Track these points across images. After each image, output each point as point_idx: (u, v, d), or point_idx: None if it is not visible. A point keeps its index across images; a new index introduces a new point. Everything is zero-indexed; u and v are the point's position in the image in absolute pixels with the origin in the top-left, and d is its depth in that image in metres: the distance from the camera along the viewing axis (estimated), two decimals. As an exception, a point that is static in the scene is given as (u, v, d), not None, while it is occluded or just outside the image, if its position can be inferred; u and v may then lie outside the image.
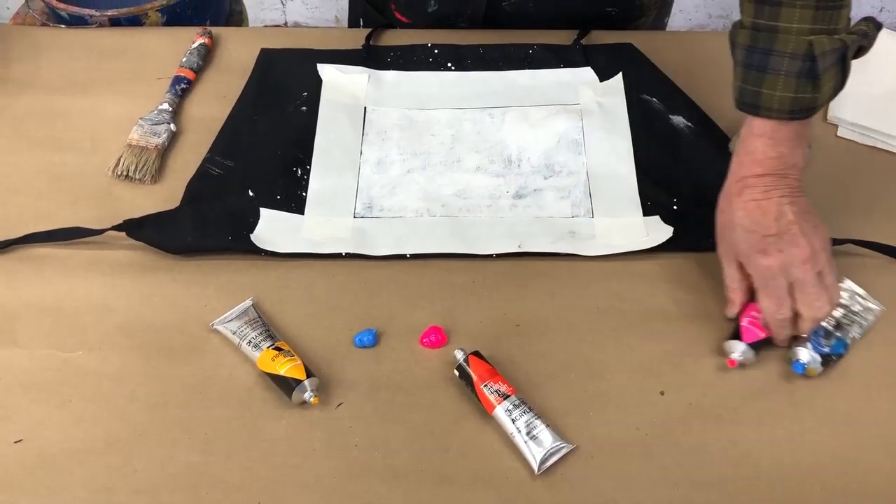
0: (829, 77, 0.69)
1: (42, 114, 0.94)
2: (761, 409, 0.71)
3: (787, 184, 0.72)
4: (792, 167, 0.72)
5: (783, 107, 0.70)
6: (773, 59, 0.69)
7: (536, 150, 0.89)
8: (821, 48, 0.68)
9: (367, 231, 0.82)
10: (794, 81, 0.69)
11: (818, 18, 0.68)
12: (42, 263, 0.80)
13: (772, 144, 0.72)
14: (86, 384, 0.72)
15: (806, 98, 0.69)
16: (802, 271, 0.71)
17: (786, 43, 0.69)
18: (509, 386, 0.69)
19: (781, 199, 0.72)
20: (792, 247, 0.71)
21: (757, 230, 0.72)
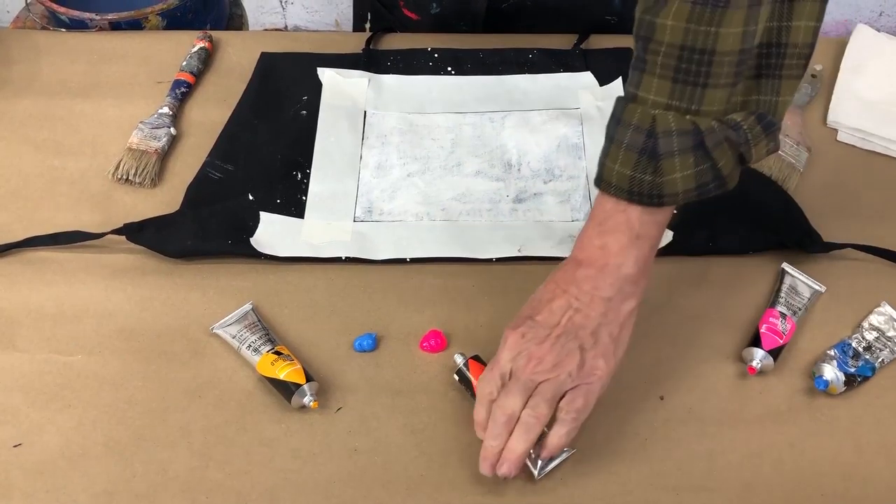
0: (681, 164, 0.60)
1: (42, 117, 0.94)
2: (761, 415, 0.71)
3: (597, 286, 0.63)
4: (614, 268, 0.63)
5: (621, 184, 0.62)
6: (620, 130, 0.62)
7: (536, 155, 0.89)
8: (664, 126, 0.60)
9: (367, 235, 0.82)
10: (633, 157, 0.61)
11: (675, 93, 0.60)
12: (42, 267, 0.80)
13: (599, 232, 0.64)
14: (85, 388, 0.72)
15: (645, 180, 0.61)
16: (523, 368, 0.63)
17: (632, 113, 0.61)
18: None
19: (572, 301, 0.64)
20: (535, 345, 0.63)
21: (530, 307, 0.65)
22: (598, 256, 0.64)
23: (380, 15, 1.08)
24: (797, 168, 0.87)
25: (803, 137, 0.89)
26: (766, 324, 0.73)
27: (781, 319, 0.74)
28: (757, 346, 0.72)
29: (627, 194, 0.62)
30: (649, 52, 0.60)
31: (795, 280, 0.77)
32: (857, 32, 1.00)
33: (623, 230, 0.63)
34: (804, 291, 0.77)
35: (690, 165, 0.60)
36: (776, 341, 0.72)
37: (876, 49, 0.99)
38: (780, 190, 0.85)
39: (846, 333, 0.75)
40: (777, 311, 0.74)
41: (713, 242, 0.80)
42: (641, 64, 0.61)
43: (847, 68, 0.97)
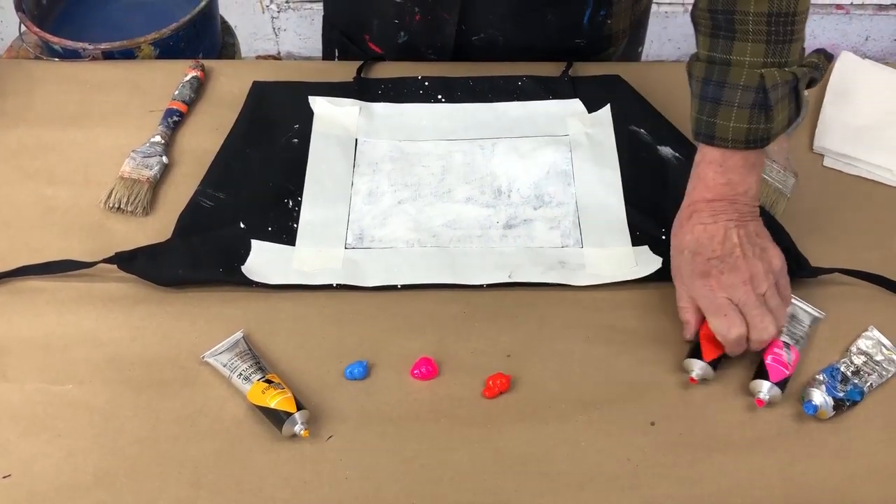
0: (782, 108, 0.72)
1: (35, 146, 0.94)
2: (751, 440, 0.71)
3: (737, 209, 0.74)
4: (742, 193, 0.74)
5: (738, 137, 0.72)
6: (727, 91, 0.72)
7: (526, 181, 0.90)
8: (772, 80, 0.70)
9: (358, 262, 0.83)
10: (747, 113, 0.71)
11: (770, 52, 0.71)
12: (33, 296, 0.81)
13: (721, 171, 0.74)
14: (76, 418, 0.72)
15: (759, 129, 0.72)
16: (743, 293, 0.72)
17: (738, 76, 0.71)
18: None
19: (728, 223, 0.73)
20: (733, 270, 0.72)
21: (702, 253, 0.74)
22: (726, 191, 0.74)
23: (346, 49, 1.10)
24: (784, 193, 0.88)
25: (790, 163, 0.90)
26: (771, 355, 0.73)
27: (786, 349, 0.74)
28: (763, 377, 0.72)
29: (744, 143, 0.73)
30: (737, 23, 0.71)
31: (795, 307, 0.78)
32: (841, 59, 1.02)
33: (742, 164, 0.74)
34: (804, 319, 0.77)
35: (786, 107, 0.72)
36: (783, 373, 0.72)
37: (860, 75, 1.00)
38: (768, 215, 0.86)
39: (834, 358, 0.76)
40: (781, 341, 0.75)
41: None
42: (729, 33, 0.72)
43: (832, 94, 0.98)
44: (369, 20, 1.05)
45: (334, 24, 1.12)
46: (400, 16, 1.00)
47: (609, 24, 1.02)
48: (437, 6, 0.98)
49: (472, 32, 1.01)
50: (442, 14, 0.99)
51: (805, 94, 0.95)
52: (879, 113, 0.97)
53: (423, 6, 0.99)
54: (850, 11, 2.23)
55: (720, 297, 0.72)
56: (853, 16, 2.24)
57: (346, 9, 1.09)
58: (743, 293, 0.72)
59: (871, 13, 2.25)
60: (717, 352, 0.74)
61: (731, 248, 0.73)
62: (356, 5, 1.05)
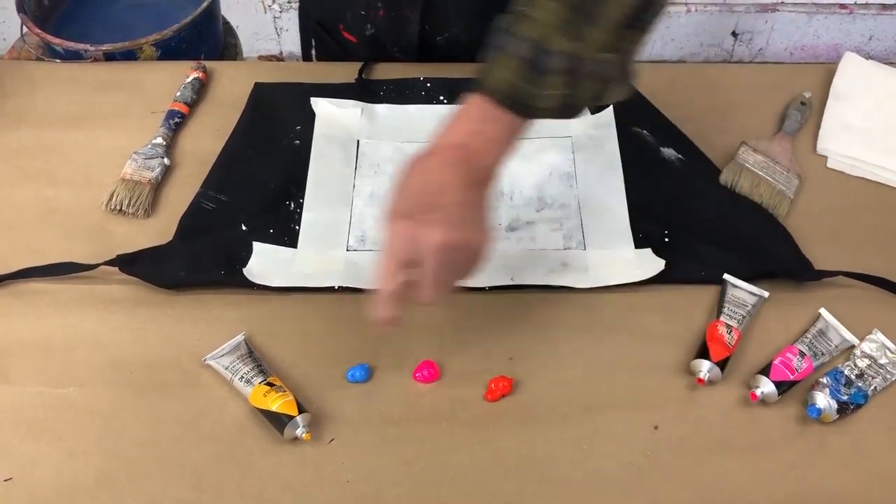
0: (554, 83, 0.64)
1: (36, 148, 0.94)
2: (754, 443, 0.71)
3: (472, 168, 0.66)
4: (482, 154, 0.66)
5: (499, 87, 0.64)
6: (511, 41, 0.64)
7: (528, 183, 0.90)
8: (550, 44, 0.63)
9: (359, 264, 0.83)
10: (521, 67, 0.63)
11: (567, 21, 0.63)
12: (34, 299, 0.80)
13: (475, 120, 0.66)
14: (77, 421, 0.72)
15: (525, 91, 0.64)
16: (427, 251, 0.65)
17: (524, 27, 0.63)
18: None
19: (456, 178, 0.65)
20: (433, 225, 0.64)
21: (415, 195, 0.66)
22: (470, 142, 0.66)
23: (322, 39, 1.10)
24: (787, 195, 0.87)
25: (793, 164, 0.90)
26: (780, 357, 0.73)
27: (799, 357, 0.74)
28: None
29: (502, 99, 0.65)
30: None
31: (829, 326, 0.77)
32: (844, 60, 1.01)
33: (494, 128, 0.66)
34: (834, 339, 0.76)
35: (562, 86, 0.64)
36: (786, 375, 0.72)
37: (864, 76, 1.00)
38: (771, 217, 0.85)
39: (838, 361, 0.76)
40: (797, 348, 0.74)
41: (704, 271, 0.80)
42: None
43: (836, 96, 0.98)
44: (343, 10, 1.05)
45: (310, 14, 1.12)
46: (367, 8, 1.01)
47: None
48: (399, 4, 0.98)
49: (437, 32, 1.00)
50: (405, 12, 0.99)
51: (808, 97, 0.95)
52: (883, 114, 0.96)
53: (387, 3, 0.99)
54: (854, 11, 2.23)
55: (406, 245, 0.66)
56: (857, 15, 2.23)
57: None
58: (429, 253, 0.65)
59: (874, 13, 2.24)
60: (726, 353, 0.73)
61: (445, 203, 0.64)
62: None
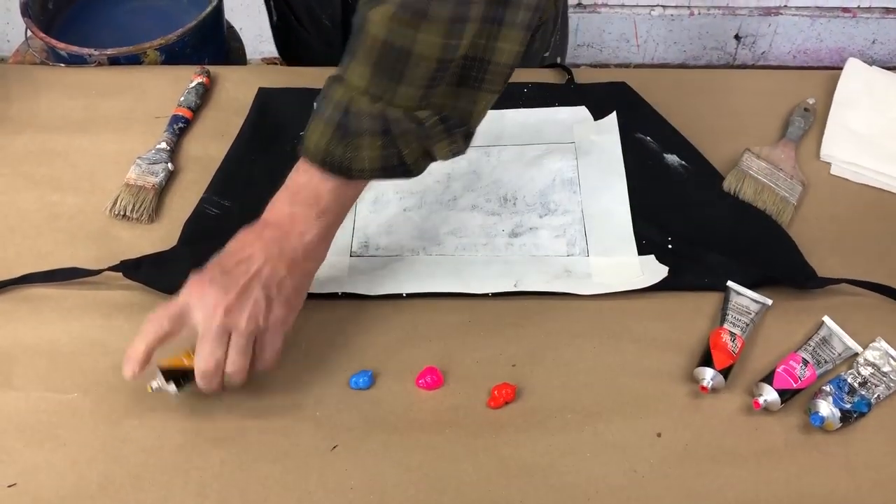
0: (370, 145, 0.67)
1: (41, 153, 0.94)
2: (758, 451, 0.71)
3: (282, 248, 0.70)
4: (298, 235, 0.70)
5: (317, 153, 0.68)
6: (324, 103, 0.68)
7: (532, 189, 0.90)
8: (357, 106, 0.66)
9: (363, 270, 0.83)
10: (330, 130, 0.67)
11: (373, 82, 0.66)
12: (39, 304, 0.81)
13: (289, 201, 0.71)
14: (81, 427, 0.72)
15: (337, 153, 0.68)
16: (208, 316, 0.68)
17: (336, 91, 0.67)
18: None
19: (258, 254, 0.69)
20: (221, 290, 0.68)
21: (219, 261, 0.70)
22: (286, 222, 0.71)
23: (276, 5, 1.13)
24: (791, 202, 0.87)
25: (797, 171, 0.90)
26: (784, 365, 0.73)
27: (802, 365, 0.74)
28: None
29: (321, 164, 0.69)
30: (359, 41, 0.66)
31: (833, 334, 0.77)
32: (848, 66, 1.01)
33: (311, 204, 0.70)
34: (837, 347, 0.76)
35: (378, 147, 0.67)
36: (789, 383, 0.72)
37: (867, 83, 0.99)
38: (775, 224, 0.85)
39: (842, 369, 0.76)
40: (801, 356, 0.74)
41: (708, 278, 0.80)
42: (352, 50, 0.67)
43: (839, 102, 0.98)
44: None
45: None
46: None
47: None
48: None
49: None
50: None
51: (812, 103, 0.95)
52: (887, 121, 0.96)
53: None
54: (857, 14, 2.23)
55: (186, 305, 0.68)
56: (860, 19, 2.23)
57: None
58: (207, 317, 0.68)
59: (878, 16, 2.24)
60: (729, 360, 0.73)
61: (240, 272, 0.68)
62: None
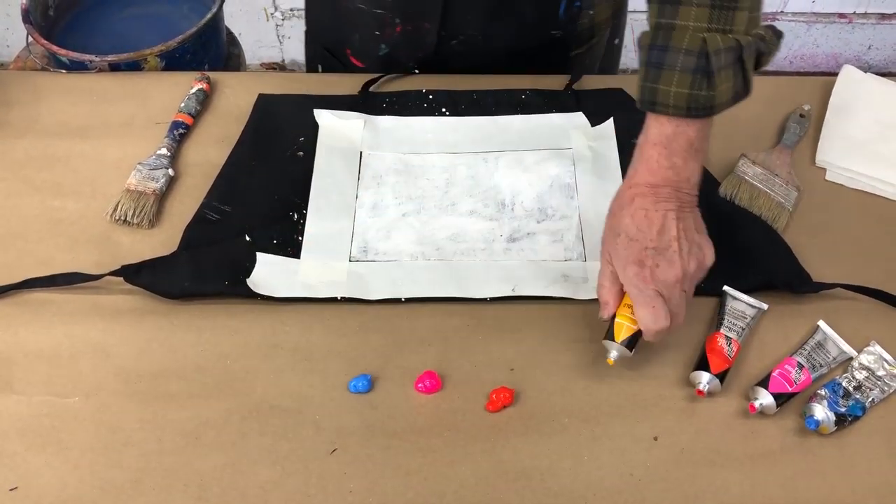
0: (725, 77, 0.69)
1: (42, 158, 0.95)
2: (754, 455, 0.71)
3: (679, 197, 0.72)
4: (685, 180, 0.72)
5: (679, 103, 0.69)
6: (669, 55, 0.69)
7: (529, 194, 0.90)
8: (714, 45, 0.68)
9: (362, 275, 0.83)
10: (688, 77, 0.68)
11: (714, 18, 0.68)
12: (40, 308, 0.81)
13: (666, 154, 0.72)
14: (82, 431, 0.73)
15: (701, 95, 0.69)
16: (671, 290, 0.71)
17: (681, 39, 0.68)
18: None
19: (668, 213, 0.72)
20: (668, 264, 0.71)
21: (639, 240, 0.72)
22: (670, 176, 0.72)
23: (329, 64, 1.10)
24: (787, 208, 0.88)
25: (792, 177, 0.91)
26: (779, 369, 0.74)
27: (797, 369, 0.74)
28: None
29: (686, 111, 0.70)
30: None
31: (827, 338, 0.78)
32: (843, 73, 1.02)
33: (686, 148, 0.72)
34: (832, 351, 0.77)
35: (731, 77, 0.69)
36: (784, 388, 0.73)
37: (862, 89, 1.00)
38: (770, 230, 0.86)
39: (836, 373, 0.76)
40: (796, 360, 0.75)
41: (704, 283, 0.81)
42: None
43: (834, 108, 0.98)
44: (350, 34, 1.05)
45: (316, 39, 1.13)
46: (381, 28, 1.01)
47: (591, 14, 1.03)
48: (418, 16, 0.99)
49: (452, 37, 1.01)
50: (423, 23, 0.99)
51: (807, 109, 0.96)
52: (882, 127, 0.97)
53: (405, 17, 0.99)
54: (853, 20, 2.24)
55: (650, 289, 0.71)
56: (856, 25, 2.25)
57: (327, 23, 1.09)
58: (671, 287, 0.71)
59: (873, 22, 2.25)
60: (725, 364, 0.74)
61: (668, 241, 0.71)
62: (337, 19, 1.06)
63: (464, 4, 0.97)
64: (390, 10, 0.99)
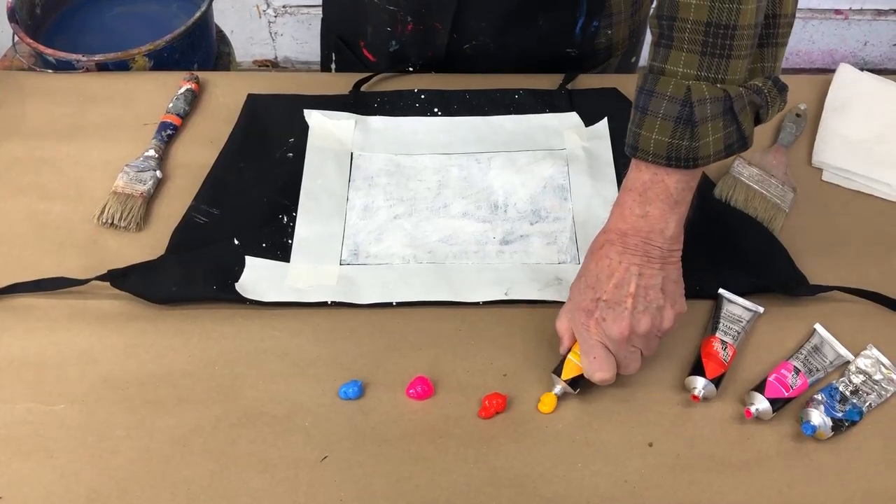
0: (713, 128, 0.66)
1: (28, 160, 0.94)
2: (749, 461, 0.70)
3: (647, 250, 0.69)
4: (658, 232, 0.69)
5: (659, 151, 0.67)
6: (654, 101, 0.66)
7: (523, 196, 0.89)
8: (699, 94, 0.65)
9: (353, 278, 0.82)
10: (670, 125, 0.66)
11: (704, 65, 0.65)
12: (26, 314, 0.80)
13: (640, 202, 0.69)
14: (68, 438, 0.72)
15: (683, 146, 0.66)
16: (617, 343, 0.70)
17: (666, 85, 0.66)
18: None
19: (631, 267, 0.69)
20: (615, 321, 0.69)
21: (594, 289, 0.70)
22: (642, 225, 0.69)
23: (343, 53, 1.10)
24: (783, 209, 0.87)
25: (788, 178, 0.90)
26: (775, 374, 0.73)
27: (793, 374, 0.73)
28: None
29: (665, 160, 0.67)
30: (675, 30, 0.66)
31: (824, 342, 0.77)
32: (839, 72, 1.01)
33: (663, 198, 0.68)
34: (829, 355, 0.76)
35: (720, 129, 0.66)
36: (781, 392, 0.72)
37: (859, 88, 0.99)
38: (766, 231, 0.85)
39: (833, 377, 0.75)
40: (792, 365, 0.74)
41: (698, 286, 0.80)
42: (668, 41, 0.67)
43: (831, 108, 0.97)
44: (364, 27, 1.04)
45: (332, 28, 1.12)
46: (392, 24, 1.00)
47: (609, 34, 1.02)
48: (430, 16, 0.98)
49: (464, 40, 1.00)
50: (434, 24, 0.98)
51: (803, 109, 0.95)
52: (878, 127, 0.96)
53: (416, 15, 0.98)
54: (849, 17, 2.23)
55: (593, 339, 0.70)
56: (852, 21, 2.24)
57: (342, 15, 1.09)
58: (616, 343, 0.70)
59: (869, 18, 2.24)
60: (721, 369, 0.73)
61: (622, 296, 0.69)
62: (352, 12, 1.05)
63: (478, 10, 0.96)
64: (403, 7, 0.98)
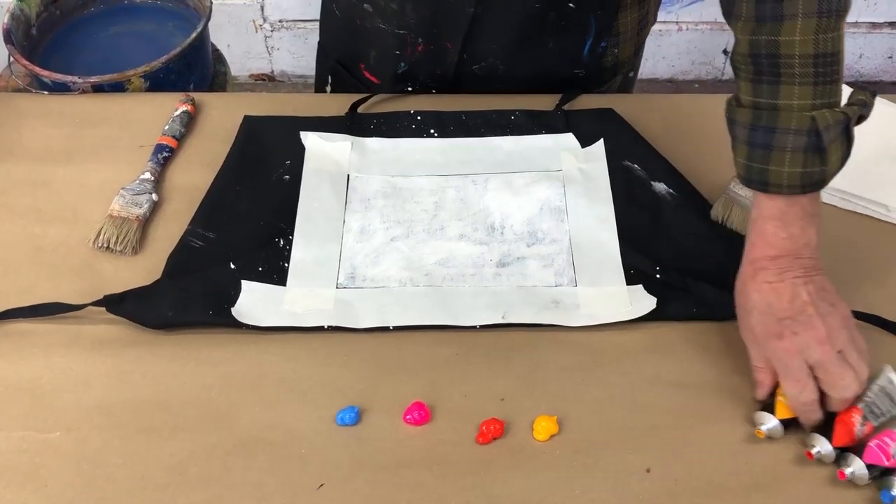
0: (835, 149, 0.71)
1: (24, 183, 0.93)
2: (747, 485, 0.70)
3: (801, 264, 0.72)
4: (804, 246, 0.73)
5: (793, 182, 0.71)
6: (778, 137, 0.71)
7: (519, 217, 0.89)
8: (824, 122, 0.69)
9: (349, 302, 0.82)
10: (801, 157, 0.70)
11: (818, 94, 0.70)
12: (20, 339, 0.79)
13: (782, 226, 0.73)
14: (63, 467, 0.71)
15: (815, 172, 0.71)
16: (821, 352, 0.70)
17: (788, 120, 0.70)
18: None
19: (795, 281, 0.72)
20: (807, 329, 0.70)
21: (771, 313, 0.72)
22: (789, 245, 0.73)
23: (340, 77, 1.09)
24: (779, 230, 0.87)
25: (785, 198, 0.90)
26: (876, 440, 0.70)
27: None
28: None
29: (801, 189, 0.72)
30: (782, 66, 0.70)
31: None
32: (835, 91, 1.01)
33: (801, 216, 0.73)
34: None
35: (839, 147, 0.72)
36: (880, 459, 0.69)
37: (855, 107, 0.99)
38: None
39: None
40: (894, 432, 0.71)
41: (696, 308, 0.80)
42: (773, 78, 0.71)
43: (826, 127, 0.97)
44: (366, 51, 1.04)
45: (329, 52, 1.11)
46: (401, 47, 1.00)
47: (615, 52, 1.02)
48: (441, 36, 0.98)
49: (473, 61, 1.00)
50: (444, 44, 0.98)
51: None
52: (875, 147, 0.96)
53: (427, 36, 0.98)
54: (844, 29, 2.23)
55: (794, 360, 0.70)
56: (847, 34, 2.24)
57: (342, 38, 1.08)
58: (820, 353, 0.70)
59: (864, 31, 2.25)
60: (848, 441, 0.71)
61: (801, 306, 0.71)
62: (354, 36, 1.05)
63: (489, 32, 0.97)
64: (413, 30, 0.98)
